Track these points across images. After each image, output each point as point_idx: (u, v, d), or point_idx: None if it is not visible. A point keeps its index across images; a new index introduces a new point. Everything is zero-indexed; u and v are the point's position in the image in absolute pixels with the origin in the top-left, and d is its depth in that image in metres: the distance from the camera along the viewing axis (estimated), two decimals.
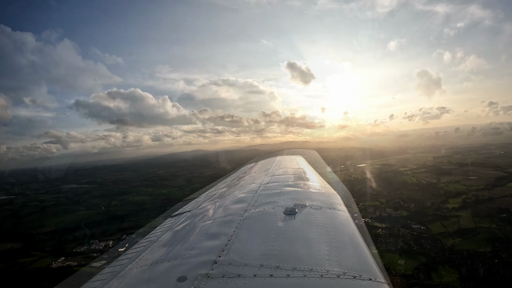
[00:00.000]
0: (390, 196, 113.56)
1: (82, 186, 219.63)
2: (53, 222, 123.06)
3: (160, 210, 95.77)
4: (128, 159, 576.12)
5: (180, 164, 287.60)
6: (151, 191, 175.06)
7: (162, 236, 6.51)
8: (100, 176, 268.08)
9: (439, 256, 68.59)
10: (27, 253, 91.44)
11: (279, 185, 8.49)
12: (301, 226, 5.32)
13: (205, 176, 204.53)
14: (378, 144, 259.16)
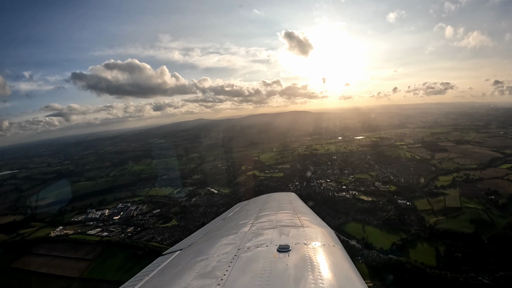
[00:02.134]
0: (381, 170, 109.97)
1: (83, 157, 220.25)
2: (53, 194, 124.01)
3: (157, 180, 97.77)
4: (131, 130, 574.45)
5: (180, 134, 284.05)
6: (150, 161, 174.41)
7: (152, 275, 6.38)
8: (102, 147, 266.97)
9: (420, 233, 65.06)
10: (28, 224, 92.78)
11: (272, 222, 8.15)
12: (295, 263, 5.06)
13: (204, 146, 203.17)
14: (379, 116, 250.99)
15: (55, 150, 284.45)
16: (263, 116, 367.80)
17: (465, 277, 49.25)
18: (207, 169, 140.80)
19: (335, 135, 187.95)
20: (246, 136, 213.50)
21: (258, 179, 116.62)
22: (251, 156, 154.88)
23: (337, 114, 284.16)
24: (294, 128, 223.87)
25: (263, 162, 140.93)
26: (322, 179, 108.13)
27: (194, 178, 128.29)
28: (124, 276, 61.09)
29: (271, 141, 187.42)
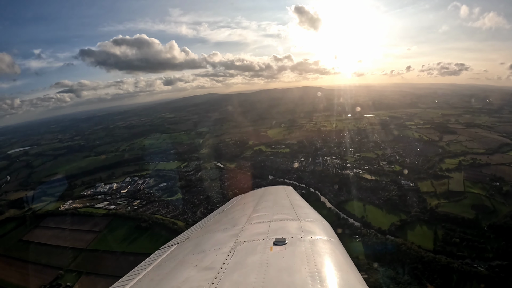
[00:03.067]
0: (387, 149, 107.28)
1: (94, 133, 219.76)
2: (64, 169, 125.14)
3: (165, 154, 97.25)
4: (142, 104, 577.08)
5: (191, 109, 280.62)
6: (159, 136, 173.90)
7: (150, 269, 6.19)
8: (112, 122, 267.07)
9: (420, 215, 63.75)
10: (39, 199, 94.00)
11: (268, 215, 7.88)
12: (291, 256, 5.04)
13: (212, 120, 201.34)
14: (391, 95, 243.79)
15: (66, 126, 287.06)
16: (274, 91, 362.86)
17: (460, 263, 48.18)
18: (214, 144, 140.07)
19: (345, 112, 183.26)
20: (256, 111, 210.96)
21: (264, 154, 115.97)
22: (259, 131, 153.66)
23: (348, 91, 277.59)
24: (304, 104, 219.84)
25: (271, 137, 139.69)
26: (328, 156, 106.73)
27: (201, 153, 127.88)
28: (127, 247, 63.05)
29: (280, 117, 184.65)
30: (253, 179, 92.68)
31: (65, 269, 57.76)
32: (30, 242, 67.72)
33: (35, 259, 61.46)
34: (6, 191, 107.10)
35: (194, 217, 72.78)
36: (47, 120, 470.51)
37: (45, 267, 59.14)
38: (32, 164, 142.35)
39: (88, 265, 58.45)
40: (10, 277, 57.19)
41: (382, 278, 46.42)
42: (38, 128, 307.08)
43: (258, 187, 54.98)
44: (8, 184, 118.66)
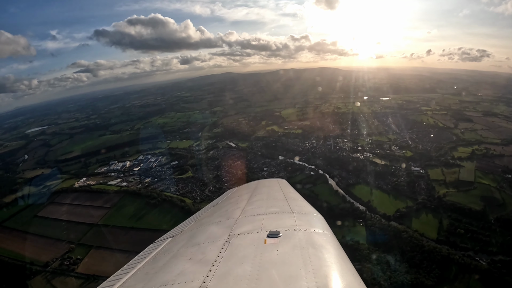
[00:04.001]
0: (401, 134, 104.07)
1: (110, 111, 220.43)
2: (79, 147, 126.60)
3: (178, 132, 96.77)
4: (158, 83, 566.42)
5: (207, 88, 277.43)
6: (173, 114, 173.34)
7: (144, 263, 6.14)
8: (129, 101, 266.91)
9: (427, 203, 61.71)
10: (55, 177, 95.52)
11: (262, 208, 7.79)
12: (285, 249, 5.04)
13: (227, 99, 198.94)
14: (409, 79, 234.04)
15: (83, 105, 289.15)
16: (291, 71, 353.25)
17: (462, 255, 46.38)
18: (228, 123, 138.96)
19: (361, 94, 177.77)
20: (271, 91, 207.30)
21: (276, 135, 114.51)
22: (273, 111, 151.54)
23: (366, 73, 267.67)
24: (321, 84, 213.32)
25: (284, 117, 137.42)
26: (340, 138, 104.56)
27: (214, 132, 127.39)
28: (136, 223, 64.11)
29: (295, 97, 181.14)
30: (263, 159, 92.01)
31: (76, 243, 59.24)
32: (44, 218, 69.63)
33: (49, 234, 63.29)
34: (24, 170, 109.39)
35: (202, 195, 73.17)
36: (65, 99, 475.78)
37: (58, 241, 60.74)
38: (49, 143, 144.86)
39: (98, 240, 59.72)
40: (24, 250, 58.70)
41: (380, 264, 45.32)
42: (56, 108, 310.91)
43: (268, 167, 54.36)
44: (26, 162, 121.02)
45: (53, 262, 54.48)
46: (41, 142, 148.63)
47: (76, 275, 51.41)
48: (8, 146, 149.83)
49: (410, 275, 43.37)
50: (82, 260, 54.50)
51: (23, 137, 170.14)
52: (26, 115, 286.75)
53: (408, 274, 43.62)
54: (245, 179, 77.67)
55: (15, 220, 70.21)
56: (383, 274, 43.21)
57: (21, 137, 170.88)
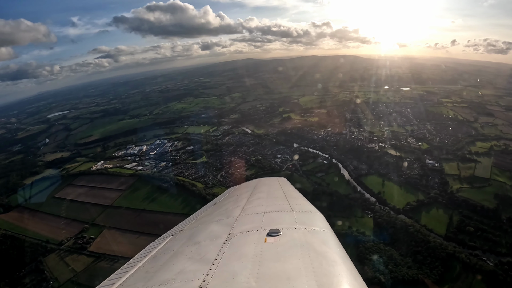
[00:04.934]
0: (418, 126, 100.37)
1: (130, 96, 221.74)
2: (99, 131, 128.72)
3: (196, 118, 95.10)
4: (179, 69, 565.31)
5: (227, 73, 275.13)
6: (191, 100, 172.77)
7: (144, 261, 5.97)
8: (149, 86, 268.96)
9: (438, 197, 59.21)
10: (74, 160, 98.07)
11: (262, 207, 7.68)
12: (285, 247, 4.97)
13: (246, 85, 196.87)
14: (432, 69, 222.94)
15: (104, 90, 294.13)
16: (313, 58, 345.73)
17: (468, 254, 44.16)
18: (245, 109, 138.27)
19: (382, 83, 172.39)
20: (291, 78, 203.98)
21: (292, 122, 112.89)
22: (291, 98, 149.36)
23: (388, 62, 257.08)
24: (341, 72, 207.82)
25: (302, 105, 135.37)
26: (356, 127, 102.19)
27: (231, 118, 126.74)
28: (147, 205, 64.91)
29: (314, 84, 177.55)
30: (278, 145, 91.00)
31: (90, 223, 60.79)
32: (62, 199, 71.39)
33: (65, 214, 65.09)
34: (44, 153, 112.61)
35: (215, 180, 73.10)
36: (87, 84, 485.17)
37: (73, 221, 62.49)
38: (69, 127, 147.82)
39: (111, 220, 61.05)
40: (41, 229, 60.71)
41: (382, 257, 43.91)
42: (77, 93, 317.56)
43: (282, 154, 53.35)
44: (47, 146, 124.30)
45: (67, 241, 56.24)
46: (62, 126, 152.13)
47: (88, 254, 52.73)
48: (30, 130, 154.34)
49: (412, 270, 41.85)
50: (94, 239, 55.92)
51: (44, 121, 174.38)
52: (48, 100, 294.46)
53: (410, 269, 42.07)
54: (257, 165, 77.21)
55: (34, 200, 72.51)
56: (384, 268, 41.89)
57: (42, 121, 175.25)
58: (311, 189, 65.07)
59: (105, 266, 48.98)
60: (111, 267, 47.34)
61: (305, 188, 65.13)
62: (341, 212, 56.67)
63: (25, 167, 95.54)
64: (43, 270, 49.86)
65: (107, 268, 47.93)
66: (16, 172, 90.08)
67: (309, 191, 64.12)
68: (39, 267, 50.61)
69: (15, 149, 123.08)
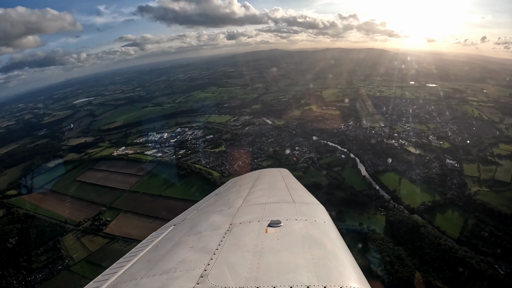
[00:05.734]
0: (441, 124, 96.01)
1: (154, 84, 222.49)
2: (122, 118, 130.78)
3: (218, 107, 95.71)
4: (204, 58, 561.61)
5: (251, 64, 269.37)
6: (215, 89, 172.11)
7: (146, 251, 5.97)
8: (174, 74, 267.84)
9: (455, 199, 56.70)
10: (96, 145, 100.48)
11: (264, 198, 7.59)
12: (286, 238, 4.94)
13: (270, 76, 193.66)
14: (460, 65, 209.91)
15: (130, 78, 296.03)
16: (339, 50, 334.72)
17: (479, 260, 42.12)
18: (267, 100, 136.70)
19: (407, 79, 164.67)
20: (315, 70, 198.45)
21: (313, 114, 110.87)
22: (314, 90, 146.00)
23: (416, 57, 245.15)
24: (367, 66, 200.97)
25: (324, 98, 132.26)
26: (377, 123, 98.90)
27: (253, 108, 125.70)
28: (163, 191, 66.05)
29: (338, 77, 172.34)
30: (297, 137, 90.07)
31: (108, 206, 62.70)
32: (82, 182, 73.97)
33: (84, 197, 67.47)
34: (69, 137, 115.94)
35: (231, 169, 73.43)
36: (113, 72, 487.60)
37: (91, 203, 64.65)
38: (94, 113, 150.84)
39: (127, 204, 62.77)
40: (61, 210, 63.25)
41: (389, 257, 42.79)
42: (104, 80, 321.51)
43: (300, 146, 52.62)
44: (71, 131, 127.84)
45: (84, 222, 58.50)
46: (87, 112, 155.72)
47: (103, 235, 54.67)
48: (56, 116, 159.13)
49: (419, 272, 40.44)
50: (110, 222, 57.80)
51: (70, 107, 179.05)
52: (75, 86, 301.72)
53: (416, 270, 40.72)
54: (274, 156, 76.82)
55: (56, 183, 75.45)
56: (390, 267, 40.87)
57: (68, 107, 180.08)
58: (326, 183, 64.25)
59: (118, 247, 50.71)
60: (124, 248, 48.83)
61: (320, 181, 64.44)
62: (354, 208, 55.77)
63: (49, 150, 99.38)
64: (59, 248, 52.29)
65: (120, 249, 49.63)
66: (40, 155, 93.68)
67: (323, 184, 63.47)
68: (56, 246, 53.12)
69: (41, 133, 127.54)
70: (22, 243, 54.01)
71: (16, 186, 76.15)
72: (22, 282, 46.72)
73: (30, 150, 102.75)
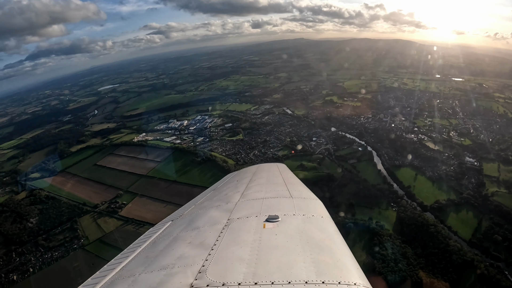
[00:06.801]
0: (464, 120, 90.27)
1: (178, 72, 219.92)
2: (145, 105, 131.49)
3: (239, 95, 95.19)
4: (230, 46, 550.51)
5: (276, 53, 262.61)
6: (237, 78, 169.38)
7: (144, 246, 5.84)
8: (198, 62, 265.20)
9: (470, 199, 53.44)
10: (118, 131, 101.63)
11: (261, 193, 7.46)
12: (284, 233, 4.84)
13: (294, 65, 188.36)
14: (489, 60, 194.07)
15: (154, 66, 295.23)
16: (365, 41, 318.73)
17: (488, 265, 39.46)
18: (289, 90, 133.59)
19: (433, 72, 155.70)
20: (340, 60, 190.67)
21: (333, 105, 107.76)
22: (337, 81, 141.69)
23: (443, 49, 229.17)
24: (392, 57, 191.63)
25: (346, 89, 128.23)
26: (397, 116, 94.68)
27: (274, 97, 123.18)
28: (178, 177, 66.49)
29: (362, 68, 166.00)
30: (315, 128, 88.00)
31: (125, 190, 64.04)
32: (102, 167, 75.81)
33: (103, 180, 69.03)
34: (92, 123, 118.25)
35: (246, 158, 72.82)
36: (139, 59, 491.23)
37: (109, 187, 66.20)
38: (118, 100, 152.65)
39: (143, 189, 63.75)
40: (80, 193, 65.07)
41: (395, 254, 41.01)
42: (129, 67, 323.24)
43: (317, 137, 51.10)
44: (95, 117, 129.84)
45: (101, 205, 60.05)
46: (111, 99, 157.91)
47: (118, 217, 56.05)
48: (81, 102, 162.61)
49: (423, 272, 38.60)
50: (126, 205, 59.03)
51: (95, 93, 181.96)
52: (101, 73, 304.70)
53: (421, 270, 38.87)
54: (291, 146, 75.38)
55: (77, 167, 77.57)
56: (394, 265, 39.19)
57: (93, 93, 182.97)
58: (339, 175, 62.51)
59: (131, 229, 52.08)
60: (136, 231, 50.24)
61: (333, 174, 62.75)
62: (366, 202, 54.01)
63: (72, 136, 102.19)
64: (76, 229, 54.20)
65: (133, 231, 50.91)
66: (64, 140, 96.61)
67: (337, 177, 61.79)
68: (73, 226, 55.09)
69: (65, 119, 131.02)
70: (42, 223, 56.40)
71: (39, 169, 78.83)
72: (40, 259, 48.64)
73: (55, 135, 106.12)
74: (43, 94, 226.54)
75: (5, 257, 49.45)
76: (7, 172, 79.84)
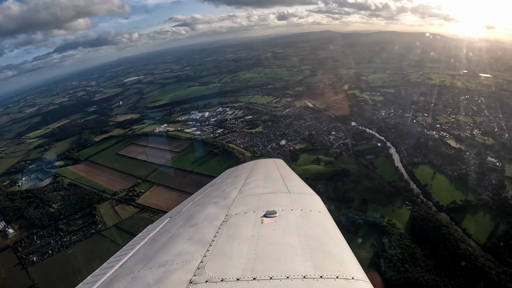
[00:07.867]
0: (489, 118, 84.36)
1: (203, 64, 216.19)
2: (168, 96, 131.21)
3: (261, 88, 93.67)
4: (255, 38, 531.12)
5: (301, 45, 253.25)
6: (261, 70, 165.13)
7: (143, 243, 5.73)
8: (223, 54, 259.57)
9: (489, 201, 50.24)
10: (141, 121, 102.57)
11: (259, 188, 7.29)
12: (282, 228, 4.76)
13: (318, 58, 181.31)
14: None
15: (180, 57, 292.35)
16: (392, 34, 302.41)
17: (501, 272, 37.02)
18: (311, 83, 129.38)
19: (460, 67, 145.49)
20: (365, 53, 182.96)
21: (355, 99, 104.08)
22: (361, 74, 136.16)
23: (472, 44, 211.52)
24: (419, 51, 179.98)
25: (369, 82, 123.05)
26: (420, 112, 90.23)
27: (296, 90, 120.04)
28: (196, 168, 66.85)
29: (388, 62, 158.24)
30: (335, 122, 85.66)
31: (143, 179, 65.10)
32: (123, 156, 77.07)
33: (123, 169, 70.36)
34: (116, 114, 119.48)
35: (264, 150, 71.92)
36: (165, 51, 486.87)
37: (129, 176, 67.53)
38: (142, 91, 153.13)
39: (161, 178, 64.55)
40: (101, 181, 66.77)
41: (403, 254, 39.45)
42: (155, 59, 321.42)
43: (336, 131, 49.91)
44: (120, 107, 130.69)
45: (120, 192, 61.43)
46: (135, 90, 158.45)
47: (135, 205, 57.29)
48: (106, 93, 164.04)
49: (430, 274, 36.79)
50: (143, 193, 60.12)
51: (121, 85, 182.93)
52: (127, 65, 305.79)
53: (428, 272, 37.12)
54: (309, 140, 73.88)
55: (100, 156, 79.48)
56: (400, 265, 37.69)
57: (119, 85, 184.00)
58: (355, 170, 60.77)
59: (146, 217, 53.10)
60: (151, 218, 50.99)
61: (350, 168, 61.04)
62: (380, 199, 52.25)
63: (97, 126, 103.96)
64: (95, 215, 55.84)
65: (147, 218, 51.88)
66: (88, 130, 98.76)
67: (353, 172, 60.05)
68: (92, 212, 56.71)
69: (91, 109, 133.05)
70: (63, 208, 58.54)
71: (63, 158, 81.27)
72: (59, 242, 50.67)
73: (80, 125, 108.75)
74: (70, 85, 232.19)
75: (27, 239, 51.94)
76: (33, 160, 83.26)
